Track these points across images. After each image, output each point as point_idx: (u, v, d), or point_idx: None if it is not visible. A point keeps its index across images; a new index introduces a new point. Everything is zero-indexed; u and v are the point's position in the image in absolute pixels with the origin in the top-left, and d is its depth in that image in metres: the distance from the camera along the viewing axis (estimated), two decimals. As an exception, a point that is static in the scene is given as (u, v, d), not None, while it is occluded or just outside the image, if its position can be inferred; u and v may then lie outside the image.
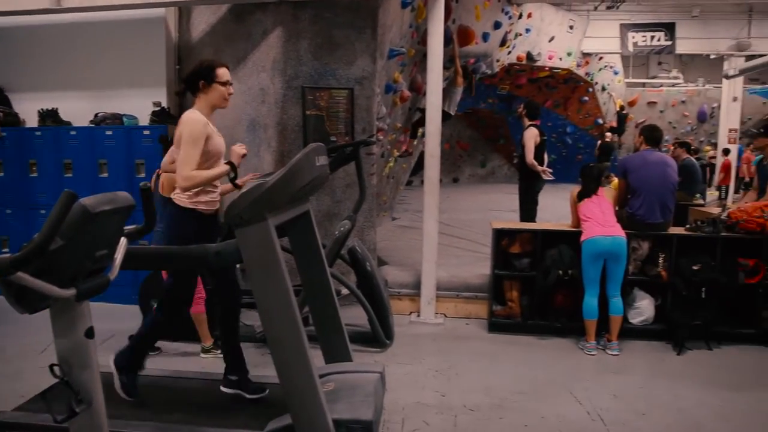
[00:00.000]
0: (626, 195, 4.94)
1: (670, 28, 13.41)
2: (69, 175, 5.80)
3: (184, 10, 5.73)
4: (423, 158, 5.52)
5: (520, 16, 11.59)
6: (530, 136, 6.18)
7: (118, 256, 2.06)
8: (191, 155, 3.05)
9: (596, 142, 15.50)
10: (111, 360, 3.16)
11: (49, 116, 5.90)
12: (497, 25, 9.93)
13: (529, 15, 12.15)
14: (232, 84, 3.28)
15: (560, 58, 14.52)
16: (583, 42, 14.90)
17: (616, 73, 17.40)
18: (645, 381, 4.09)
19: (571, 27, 14.18)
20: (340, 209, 5.57)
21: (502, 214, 9.51)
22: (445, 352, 4.59)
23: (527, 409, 3.59)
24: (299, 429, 2.50)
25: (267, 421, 2.77)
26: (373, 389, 2.94)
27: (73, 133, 5.80)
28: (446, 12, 5.61)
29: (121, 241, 2.10)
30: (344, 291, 4.77)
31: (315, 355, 2.63)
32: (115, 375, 3.13)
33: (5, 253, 2.20)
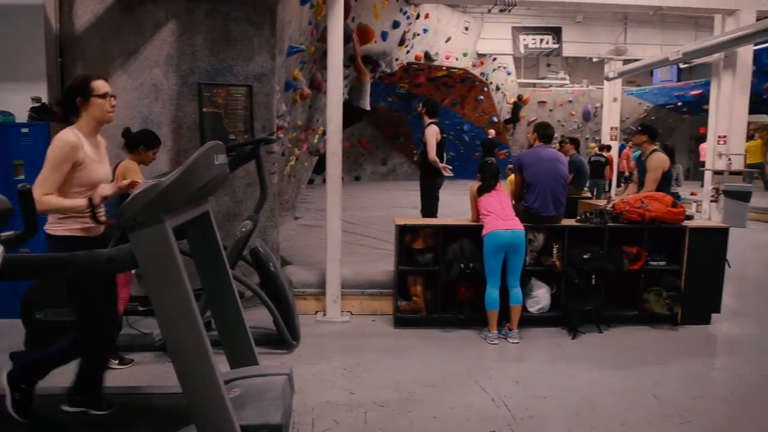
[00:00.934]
0: (522, 189, 5.18)
1: (557, 32, 14.30)
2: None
3: (65, -3, 5.33)
4: (325, 157, 5.49)
5: (418, 17, 11.83)
6: (431, 133, 6.31)
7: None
8: (47, 179, 2.79)
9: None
10: (3, 376, 2.93)
11: None
12: (396, 25, 10.07)
13: (427, 15, 12.44)
14: (114, 96, 3.04)
15: (456, 58, 15.02)
16: (478, 43, 15.50)
17: (509, 74, 18.26)
18: (544, 366, 4.32)
19: (467, 28, 14.69)
20: (241, 209, 5.42)
21: (405, 211, 9.68)
22: (352, 350, 4.60)
23: (435, 400, 3.67)
24: (205, 439, 2.40)
25: (170, 434, 2.64)
26: (281, 392, 2.90)
27: (-65, 131, 5.23)
28: (345, 10, 5.63)
29: (-3, 248, 1.92)
30: (248, 293, 4.66)
31: (219, 360, 2.54)
32: (8, 393, 2.89)
33: None
